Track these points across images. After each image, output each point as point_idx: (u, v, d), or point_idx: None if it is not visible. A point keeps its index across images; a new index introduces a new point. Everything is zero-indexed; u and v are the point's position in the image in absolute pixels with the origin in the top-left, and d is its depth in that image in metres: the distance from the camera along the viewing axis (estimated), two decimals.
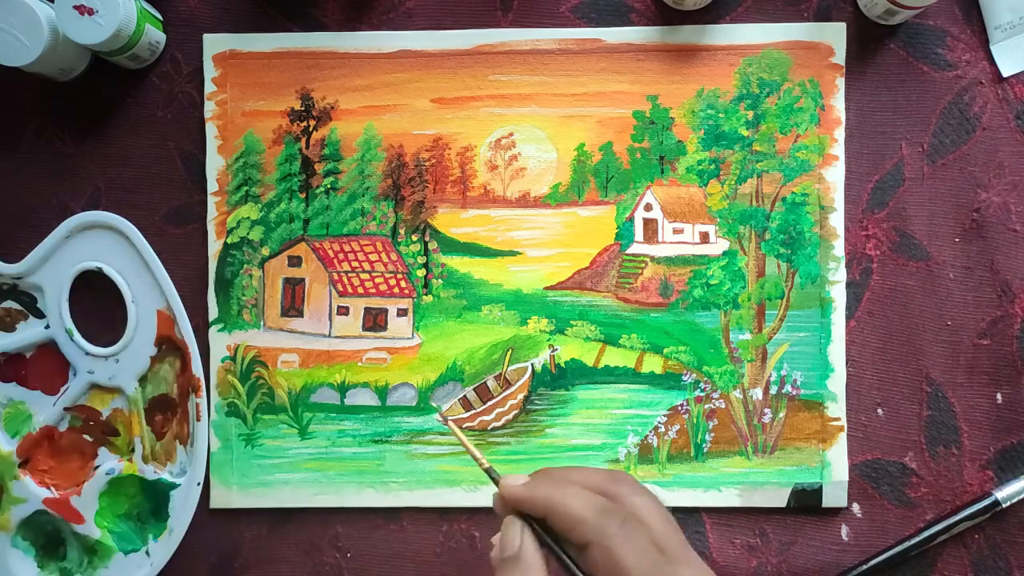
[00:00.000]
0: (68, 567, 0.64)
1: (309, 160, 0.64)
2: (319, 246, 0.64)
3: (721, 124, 0.63)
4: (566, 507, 0.44)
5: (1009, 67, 0.63)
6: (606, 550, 0.43)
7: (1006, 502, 0.60)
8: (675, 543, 0.44)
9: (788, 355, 0.63)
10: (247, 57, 0.64)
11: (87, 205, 0.65)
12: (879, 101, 0.63)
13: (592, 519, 0.43)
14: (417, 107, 0.64)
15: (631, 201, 0.64)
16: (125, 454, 0.64)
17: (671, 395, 0.63)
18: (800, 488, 0.62)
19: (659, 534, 0.44)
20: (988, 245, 0.62)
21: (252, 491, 0.63)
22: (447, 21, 0.64)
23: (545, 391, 0.63)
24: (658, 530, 0.44)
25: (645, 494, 0.46)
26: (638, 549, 0.43)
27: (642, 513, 0.44)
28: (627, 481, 0.46)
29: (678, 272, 0.63)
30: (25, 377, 0.65)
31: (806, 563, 0.62)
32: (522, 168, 0.64)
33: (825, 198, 0.63)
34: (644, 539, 0.43)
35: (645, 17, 0.64)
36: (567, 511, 0.44)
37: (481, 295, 0.64)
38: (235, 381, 0.64)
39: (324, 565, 0.64)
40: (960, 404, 0.62)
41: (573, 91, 0.64)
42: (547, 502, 0.44)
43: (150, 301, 0.64)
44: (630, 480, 0.47)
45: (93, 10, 0.57)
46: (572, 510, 0.44)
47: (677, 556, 0.44)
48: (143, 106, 0.65)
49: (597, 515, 0.43)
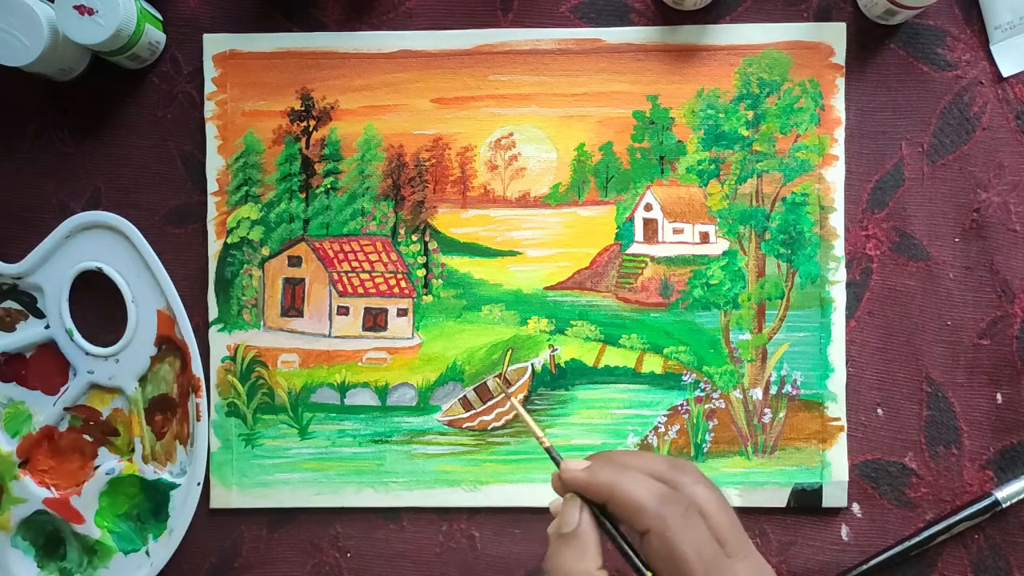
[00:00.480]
0: (68, 567, 0.64)
1: (309, 160, 0.64)
2: (319, 246, 0.64)
3: (721, 124, 0.63)
4: (627, 493, 0.44)
5: (1009, 67, 0.63)
6: (666, 539, 0.43)
7: (1006, 502, 0.60)
8: (735, 536, 0.44)
9: (788, 355, 0.63)
10: (247, 57, 0.64)
11: (87, 205, 0.65)
12: (879, 101, 0.63)
13: (653, 507, 0.43)
14: (417, 107, 0.64)
15: (631, 201, 0.64)
16: (125, 454, 0.64)
17: (671, 395, 0.63)
18: (800, 488, 0.62)
19: (720, 526, 0.44)
20: (988, 245, 0.62)
21: (252, 491, 0.63)
22: (447, 21, 0.64)
23: (545, 391, 0.63)
24: (719, 522, 0.44)
25: (707, 484, 0.45)
26: (698, 540, 0.43)
27: (703, 503, 0.44)
28: (689, 470, 0.46)
29: (678, 272, 0.63)
30: (25, 377, 0.65)
31: (806, 563, 0.62)
32: (522, 168, 0.64)
33: (825, 198, 0.63)
34: (704, 530, 0.43)
35: (645, 17, 0.64)
36: (628, 497, 0.44)
37: (481, 295, 0.64)
38: (235, 381, 0.64)
39: (324, 565, 0.64)
40: (960, 404, 0.62)
41: (573, 91, 0.64)
42: (609, 488, 0.44)
43: (150, 301, 0.64)
44: (692, 468, 0.46)
45: (93, 10, 0.57)
46: (633, 497, 0.43)
47: (737, 550, 0.44)
48: (143, 106, 0.65)
49: (658, 503, 0.43)
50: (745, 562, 0.43)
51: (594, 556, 0.44)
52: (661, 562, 0.43)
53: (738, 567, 0.43)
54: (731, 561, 0.43)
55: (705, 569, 0.42)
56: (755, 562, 0.44)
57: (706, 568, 0.42)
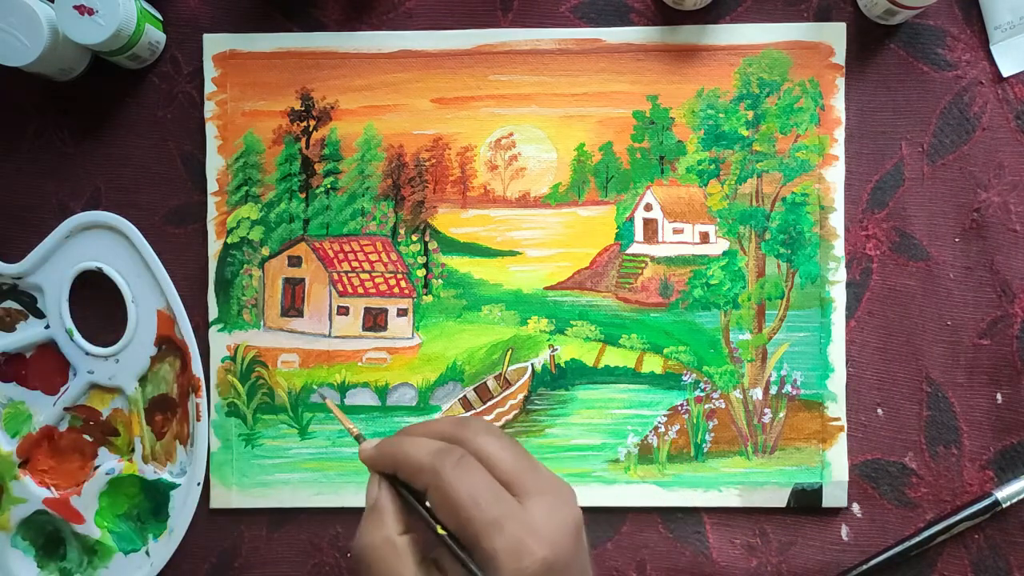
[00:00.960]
0: (68, 567, 0.64)
1: (309, 160, 0.64)
2: (319, 246, 0.64)
3: (721, 124, 0.63)
4: (405, 457, 0.45)
5: (1009, 67, 0.63)
6: (440, 490, 0.43)
7: (1006, 502, 0.60)
8: (523, 477, 0.44)
9: (788, 355, 0.63)
10: (247, 57, 0.64)
11: (87, 205, 0.65)
12: (879, 101, 0.63)
13: (427, 463, 0.44)
14: (417, 107, 0.64)
15: (631, 201, 0.64)
16: (125, 454, 0.64)
17: (671, 395, 0.63)
18: (800, 488, 0.62)
19: (505, 470, 0.44)
20: (988, 245, 0.62)
21: (252, 491, 0.63)
22: (447, 21, 0.64)
23: (545, 391, 0.63)
24: (506, 467, 0.44)
25: (490, 432, 0.46)
26: (473, 485, 0.43)
27: (485, 451, 0.44)
28: (473, 424, 0.46)
29: (678, 272, 0.63)
30: (25, 377, 0.65)
31: (806, 563, 0.62)
32: (522, 168, 0.64)
33: (825, 198, 0.63)
34: (481, 475, 0.43)
35: (645, 17, 0.64)
36: (406, 461, 0.45)
37: (481, 295, 0.64)
38: (235, 381, 0.64)
39: (324, 565, 0.64)
40: (960, 404, 0.62)
41: (573, 91, 0.64)
42: (391, 456, 0.46)
43: (150, 301, 0.64)
44: (478, 422, 0.47)
45: (93, 10, 0.57)
46: (410, 459, 0.45)
47: (528, 489, 0.43)
48: (143, 106, 0.65)
49: (431, 459, 0.44)
50: (535, 499, 0.43)
51: (393, 524, 0.45)
52: (444, 516, 0.43)
53: (529, 505, 0.43)
54: (519, 499, 0.43)
55: (484, 509, 0.42)
56: (548, 500, 0.44)
57: (484, 508, 0.42)
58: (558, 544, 0.43)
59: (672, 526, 0.63)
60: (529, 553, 0.42)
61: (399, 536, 0.44)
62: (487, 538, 0.42)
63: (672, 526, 0.63)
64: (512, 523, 0.42)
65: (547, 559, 0.42)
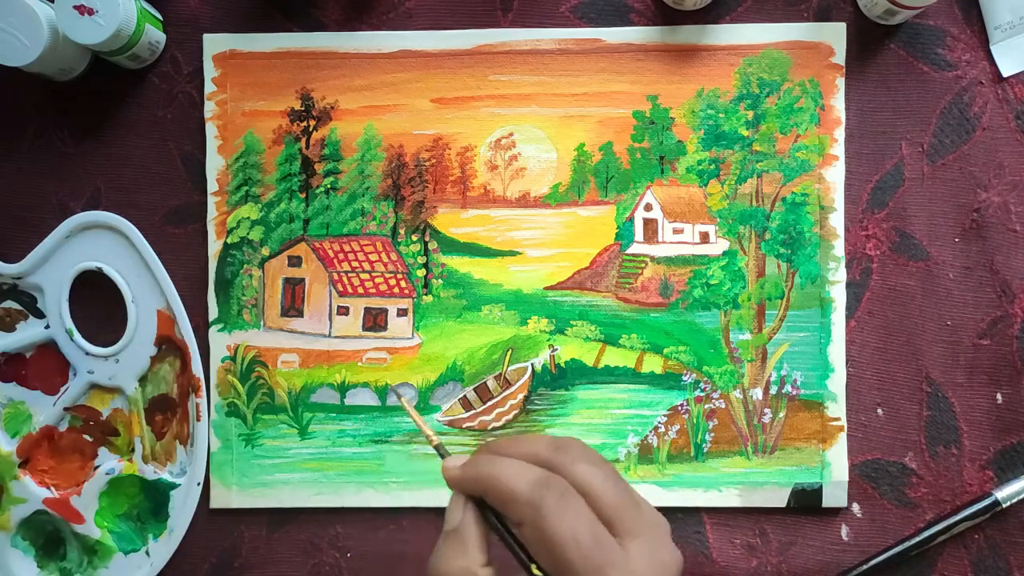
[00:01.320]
0: (68, 567, 0.64)
1: (309, 160, 0.64)
2: (319, 246, 0.64)
3: (721, 124, 0.63)
4: (499, 483, 0.41)
5: (1009, 67, 0.63)
6: (538, 527, 0.39)
7: (1006, 502, 0.60)
8: (625, 515, 0.41)
9: (788, 355, 0.63)
10: (247, 57, 0.64)
11: (87, 205, 0.65)
12: (879, 101, 0.63)
13: (525, 494, 0.40)
14: (417, 107, 0.64)
15: (631, 201, 0.64)
16: (125, 454, 0.64)
17: (671, 395, 0.63)
18: (800, 488, 0.62)
19: (606, 505, 0.40)
20: (988, 245, 0.62)
21: (252, 491, 0.63)
22: (447, 21, 0.64)
23: (545, 391, 0.63)
24: (608, 502, 0.41)
25: (591, 460, 0.42)
26: (575, 523, 0.39)
27: (584, 483, 0.41)
28: (572, 447, 0.42)
29: (678, 272, 0.63)
30: (25, 377, 0.65)
31: (806, 563, 0.62)
32: (522, 168, 0.64)
33: (825, 198, 0.63)
34: (583, 512, 0.40)
35: (645, 17, 0.64)
36: (499, 488, 0.41)
37: (481, 295, 0.64)
38: (235, 381, 0.64)
39: (324, 565, 0.64)
40: (960, 404, 0.62)
41: (573, 91, 0.64)
42: (483, 481, 0.42)
43: (150, 301, 0.64)
44: (576, 446, 0.43)
45: (93, 10, 0.57)
46: (504, 487, 0.41)
47: (630, 529, 0.40)
48: (143, 106, 0.65)
49: (531, 489, 0.40)
50: (636, 541, 0.40)
51: (476, 553, 0.41)
52: (541, 553, 0.40)
53: (630, 547, 0.40)
54: (622, 541, 0.40)
55: (585, 554, 0.39)
56: (649, 542, 0.41)
57: (586, 553, 0.39)
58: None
59: (672, 526, 0.63)
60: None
61: (481, 568, 0.41)
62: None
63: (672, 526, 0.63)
64: (615, 571, 0.39)
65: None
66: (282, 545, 0.64)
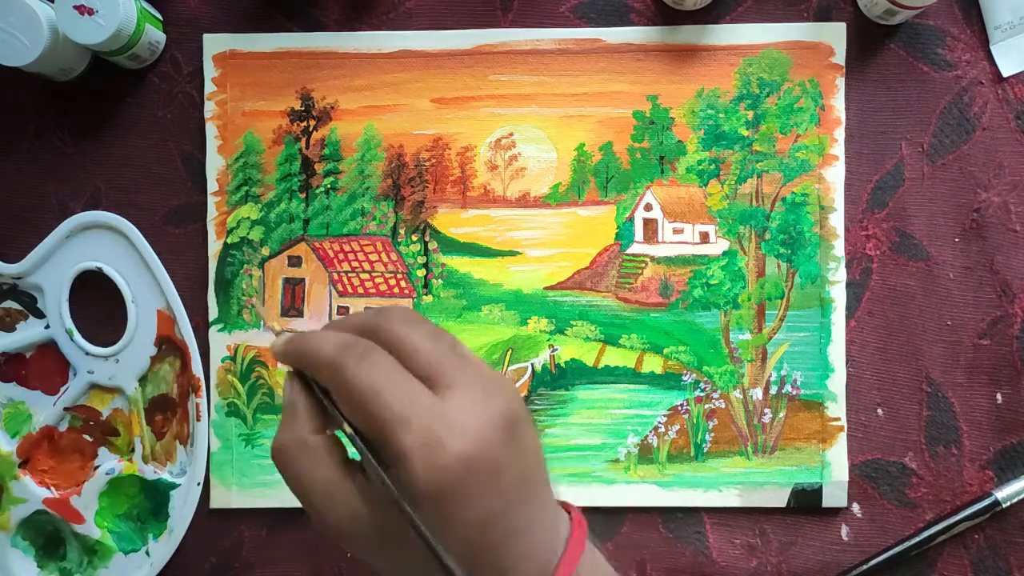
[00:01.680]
0: (68, 567, 0.64)
1: (309, 160, 0.64)
2: (319, 246, 0.64)
3: (721, 124, 0.63)
4: (307, 352, 0.40)
5: (1009, 67, 0.63)
6: (341, 386, 0.38)
7: (1006, 502, 0.60)
8: (447, 369, 0.39)
9: (788, 355, 0.63)
10: (247, 57, 0.64)
11: (87, 205, 0.65)
12: (879, 101, 0.63)
13: (328, 356, 0.39)
14: (417, 107, 0.64)
15: (631, 201, 0.64)
16: (125, 454, 0.64)
17: (671, 395, 0.63)
18: (800, 488, 0.62)
19: (425, 362, 0.39)
20: (988, 245, 0.62)
21: (252, 491, 0.63)
22: (447, 21, 0.64)
23: (545, 391, 0.63)
24: (424, 358, 0.39)
25: (409, 321, 0.40)
26: (379, 378, 0.38)
27: (401, 341, 0.39)
28: (393, 312, 0.41)
29: (678, 272, 0.63)
30: (25, 377, 0.65)
31: (806, 563, 0.62)
32: (522, 168, 0.64)
33: (825, 198, 0.63)
34: (389, 368, 0.38)
35: (645, 17, 0.64)
36: (308, 356, 0.40)
37: (481, 295, 0.64)
38: (235, 381, 0.64)
39: (324, 565, 0.64)
40: (960, 404, 0.62)
41: (573, 91, 0.64)
42: (296, 352, 0.41)
43: (150, 301, 0.64)
44: (399, 310, 0.41)
45: (93, 10, 0.57)
46: (312, 353, 0.40)
47: (450, 382, 0.38)
48: (143, 106, 0.65)
49: (334, 352, 0.39)
50: (457, 392, 0.38)
51: (305, 422, 0.40)
52: (350, 414, 0.39)
53: (449, 398, 0.38)
54: (439, 393, 0.38)
55: (390, 407, 0.37)
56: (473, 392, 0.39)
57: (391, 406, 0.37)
58: (481, 439, 0.38)
59: (672, 526, 0.63)
60: (442, 447, 0.37)
61: (312, 436, 0.40)
62: (394, 435, 0.37)
63: (672, 526, 0.63)
64: (422, 417, 0.37)
65: (465, 453, 0.37)
66: (282, 545, 0.64)
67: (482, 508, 0.38)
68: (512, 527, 0.40)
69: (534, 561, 0.41)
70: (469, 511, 0.38)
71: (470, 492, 0.38)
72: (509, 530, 0.40)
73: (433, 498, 0.37)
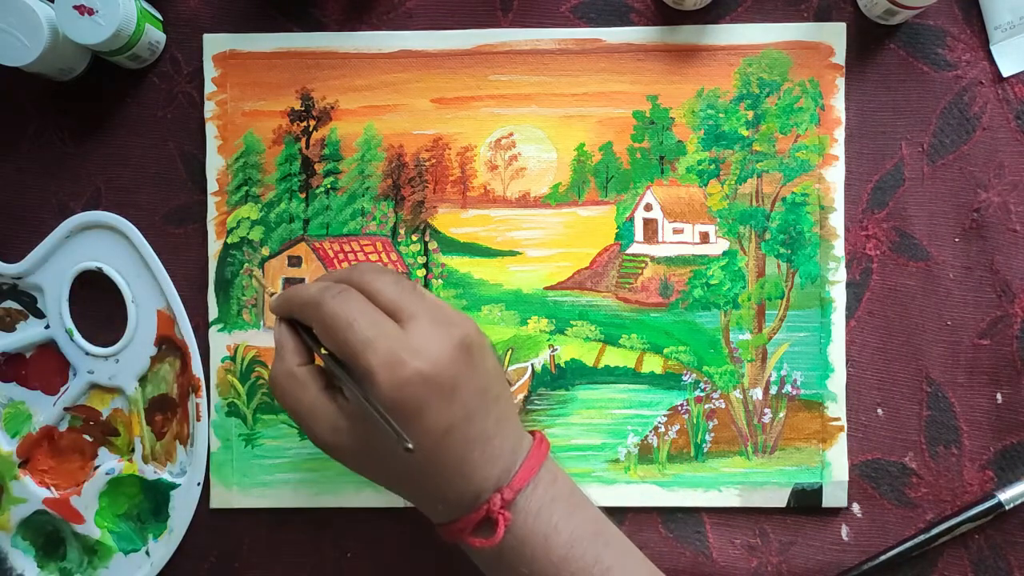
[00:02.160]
0: (68, 567, 0.64)
1: (309, 160, 0.64)
2: (319, 246, 0.64)
3: (721, 124, 0.63)
4: (295, 296, 0.49)
5: (1009, 67, 0.63)
6: (319, 319, 0.47)
7: (1010, 504, 0.60)
8: (407, 303, 0.47)
9: (788, 355, 0.63)
10: (247, 57, 0.64)
11: (87, 205, 0.65)
12: (879, 101, 0.63)
13: (310, 296, 0.48)
14: (417, 107, 0.64)
15: (631, 201, 0.64)
16: (125, 454, 0.64)
17: (671, 395, 0.63)
18: (800, 488, 0.62)
19: (389, 299, 0.47)
20: (988, 245, 0.62)
21: (252, 491, 0.63)
22: (447, 21, 0.64)
23: (545, 391, 0.63)
24: (388, 296, 0.47)
25: (379, 270, 0.49)
26: (351, 310, 0.46)
27: (370, 285, 0.48)
28: (362, 265, 0.51)
29: (678, 272, 0.63)
30: (25, 377, 0.65)
31: (806, 563, 0.62)
32: (522, 168, 0.64)
33: (825, 198, 0.63)
34: (360, 303, 0.46)
35: (645, 17, 0.64)
36: (296, 299, 0.49)
37: (481, 295, 0.64)
38: (235, 381, 0.64)
39: (324, 565, 0.64)
40: (960, 404, 0.62)
41: (573, 91, 0.64)
42: (287, 300, 0.50)
43: (150, 301, 0.64)
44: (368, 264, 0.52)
45: (93, 10, 0.58)
46: (297, 298, 0.49)
47: (410, 315, 0.47)
48: (143, 106, 0.65)
49: (315, 292, 0.48)
50: (416, 321, 0.46)
51: (292, 357, 0.49)
52: (327, 341, 0.47)
53: (409, 327, 0.46)
54: (402, 324, 0.46)
55: (359, 333, 0.45)
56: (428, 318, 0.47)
57: (361, 332, 0.45)
58: (438, 359, 0.45)
59: (672, 526, 0.63)
60: (404, 365, 0.45)
61: (298, 367, 0.49)
62: (362, 355, 0.45)
63: (672, 526, 0.63)
64: (386, 340, 0.45)
65: (423, 370, 0.45)
66: (282, 545, 0.64)
67: (442, 417, 0.46)
68: (473, 436, 0.47)
69: (494, 467, 0.48)
70: (430, 420, 0.46)
71: (430, 403, 0.45)
72: (470, 438, 0.47)
73: (398, 408, 0.45)
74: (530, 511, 0.49)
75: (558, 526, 0.49)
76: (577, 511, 0.51)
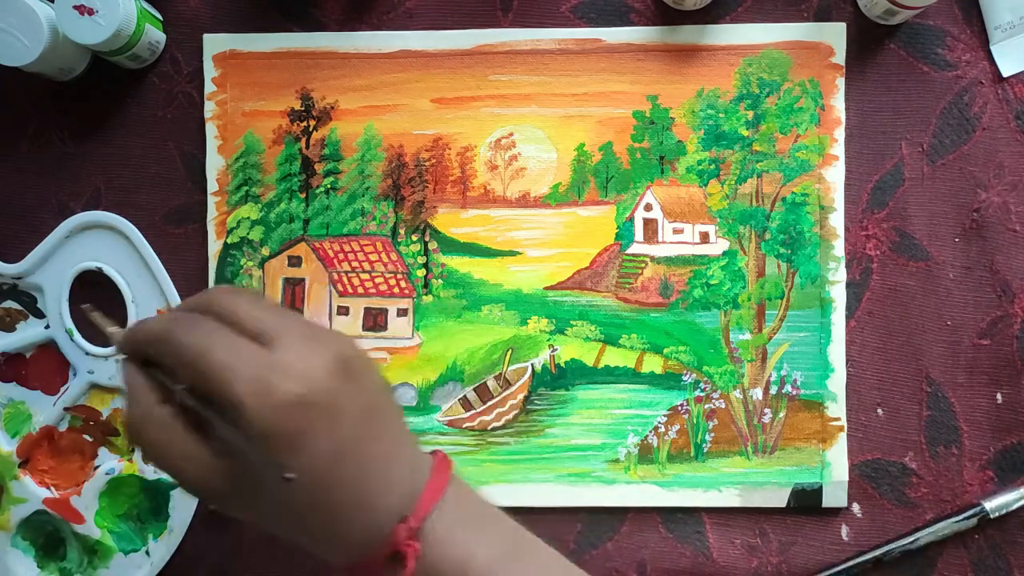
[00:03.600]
0: (68, 567, 0.64)
1: (309, 160, 0.64)
2: (319, 246, 0.64)
3: (721, 124, 0.63)
4: (139, 333, 0.43)
5: (1009, 67, 0.63)
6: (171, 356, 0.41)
7: (994, 513, 0.60)
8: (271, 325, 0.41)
9: (788, 355, 0.63)
10: (247, 57, 0.64)
11: (87, 205, 0.65)
12: (879, 101, 0.63)
13: (156, 332, 0.42)
14: (417, 107, 0.64)
15: (631, 201, 0.64)
16: (125, 454, 0.64)
17: (671, 395, 0.63)
18: (800, 488, 0.62)
19: (250, 322, 0.41)
20: (988, 245, 0.62)
21: None
22: (447, 21, 0.64)
23: (545, 391, 0.63)
24: (248, 318, 0.41)
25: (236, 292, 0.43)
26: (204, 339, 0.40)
27: (227, 310, 0.42)
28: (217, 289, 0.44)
29: (678, 272, 0.63)
30: (25, 377, 0.65)
31: (806, 563, 0.62)
32: (522, 168, 0.64)
33: (825, 198, 0.63)
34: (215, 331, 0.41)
35: (645, 17, 0.64)
36: (140, 337, 0.43)
37: (481, 295, 0.64)
38: None
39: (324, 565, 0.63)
40: (960, 404, 0.62)
41: (573, 91, 0.64)
42: (132, 336, 0.43)
43: (150, 301, 0.64)
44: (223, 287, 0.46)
45: (93, 10, 0.58)
46: (142, 333, 0.43)
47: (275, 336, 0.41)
48: (143, 106, 0.65)
49: (162, 327, 0.42)
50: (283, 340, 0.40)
51: (145, 395, 0.42)
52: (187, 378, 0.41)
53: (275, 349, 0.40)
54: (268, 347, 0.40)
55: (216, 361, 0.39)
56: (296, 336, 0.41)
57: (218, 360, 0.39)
58: (313, 379, 0.40)
59: (672, 526, 0.63)
60: (273, 389, 0.39)
61: (156, 407, 0.42)
62: (226, 385, 0.39)
63: (672, 526, 0.63)
64: (249, 365, 0.39)
65: (297, 392, 0.39)
66: (282, 545, 0.64)
67: (328, 442, 0.41)
68: (367, 461, 0.42)
69: (394, 494, 0.43)
70: (314, 447, 0.40)
71: (311, 428, 0.40)
72: (363, 464, 0.42)
73: (274, 437, 0.39)
74: (439, 537, 0.43)
75: (472, 548, 0.44)
76: (488, 527, 0.46)
